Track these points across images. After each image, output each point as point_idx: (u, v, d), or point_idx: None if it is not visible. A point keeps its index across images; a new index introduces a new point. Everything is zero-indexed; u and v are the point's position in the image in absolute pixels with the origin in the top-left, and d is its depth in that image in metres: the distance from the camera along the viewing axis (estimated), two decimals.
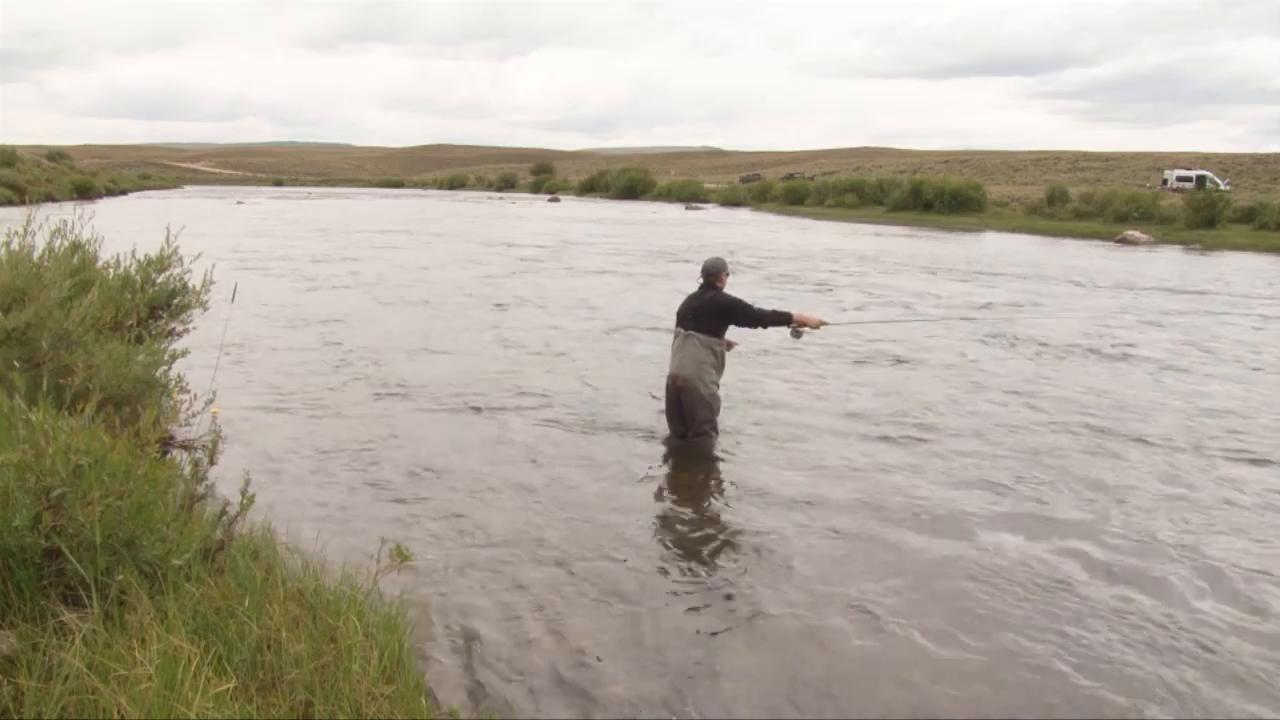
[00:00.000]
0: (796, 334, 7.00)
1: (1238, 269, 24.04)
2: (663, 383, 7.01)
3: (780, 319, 6.83)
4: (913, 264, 22.89)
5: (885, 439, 7.24)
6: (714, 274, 6.91)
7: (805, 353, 10.36)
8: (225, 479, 4.42)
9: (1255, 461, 6.94)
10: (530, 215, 49.31)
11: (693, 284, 7.22)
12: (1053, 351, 11.16)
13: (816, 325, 6.98)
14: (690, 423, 6.82)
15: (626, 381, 9.01)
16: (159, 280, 6.61)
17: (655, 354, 9.73)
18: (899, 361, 10.35)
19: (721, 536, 5.32)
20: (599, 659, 3.86)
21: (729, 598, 4.51)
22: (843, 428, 7.54)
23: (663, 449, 6.88)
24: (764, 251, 25.81)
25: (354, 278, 17.55)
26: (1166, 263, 25.51)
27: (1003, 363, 10.47)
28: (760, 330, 7.22)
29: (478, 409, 7.86)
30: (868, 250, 27.13)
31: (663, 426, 7.14)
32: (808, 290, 17.02)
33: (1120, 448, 7.15)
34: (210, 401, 5.09)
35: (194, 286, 6.75)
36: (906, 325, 12.72)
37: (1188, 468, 6.72)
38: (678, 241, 29.13)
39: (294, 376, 8.88)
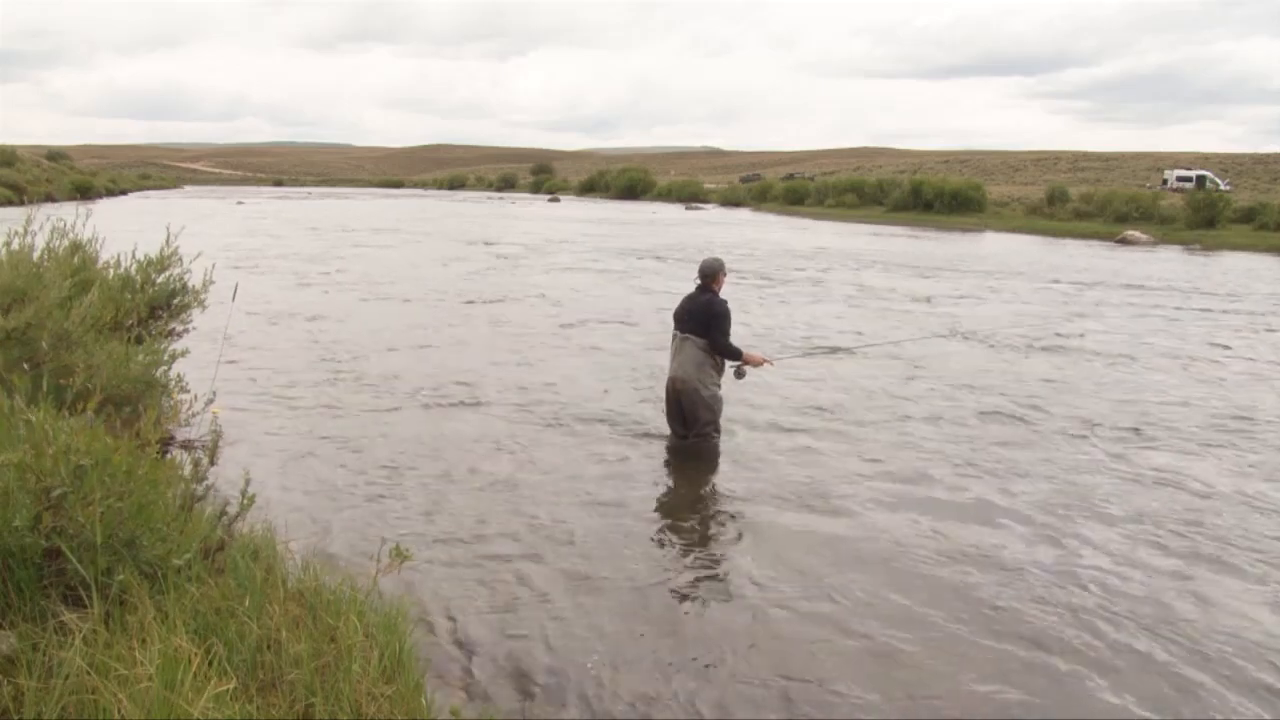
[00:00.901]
0: (740, 374, 6.98)
1: (1225, 269, 24.04)
2: (660, 381, 7.00)
3: (734, 354, 6.81)
4: (897, 263, 22.89)
5: (881, 433, 7.26)
6: (710, 275, 6.89)
7: (793, 348, 10.37)
8: (225, 479, 4.42)
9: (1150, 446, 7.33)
10: (529, 215, 49.29)
11: (685, 283, 7.21)
12: (1026, 349, 11.23)
13: (760, 363, 7.02)
14: (692, 424, 6.82)
15: (625, 380, 9.01)
16: (159, 280, 6.62)
17: (648, 352, 9.73)
18: (875, 358, 10.37)
19: (723, 537, 5.33)
20: (599, 658, 3.86)
21: (730, 598, 4.52)
22: (838, 424, 7.55)
23: (664, 449, 6.88)
24: (743, 250, 25.83)
25: (351, 277, 17.55)
26: (1159, 263, 25.50)
27: (963, 359, 10.49)
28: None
29: (476, 408, 7.86)
30: (856, 249, 27.12)
31: (663, 425, 7.15)
32: (776, 287, 17.08)
33: (1052, 432, 7.45)
34: (210, 401, 5.09)
35: (193, 286, 6.76)
36: (858, 327, 12.69)
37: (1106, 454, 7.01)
38: (674, 241, 29.12)
39: (290, 376, 8.88)
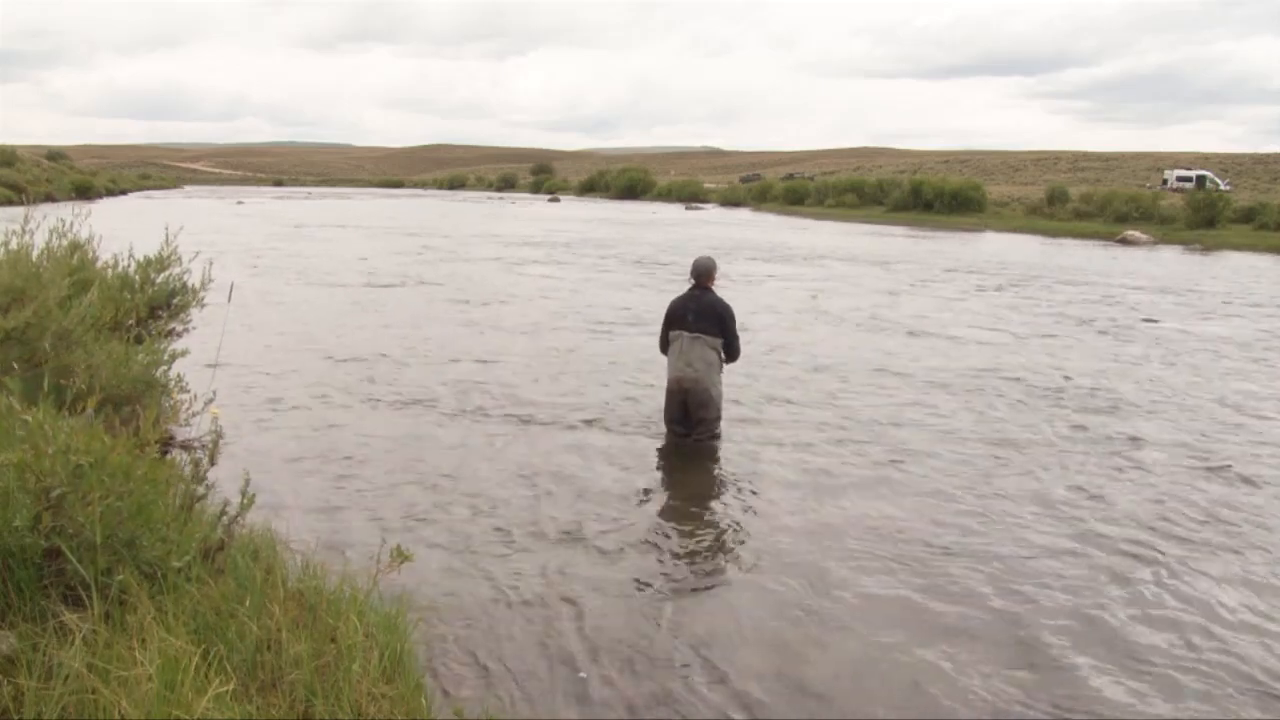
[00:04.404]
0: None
1: (1162, 261, 24.08)
2: (644, 381, 6.99)
3: (738, 355, 7.07)
4: (874, 262, 22.93)
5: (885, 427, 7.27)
6: (705, 274, 6.96)
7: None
8: (225, 479, 4.41)
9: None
10: (529, 215, 49.29)
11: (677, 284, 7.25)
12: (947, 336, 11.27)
13: None
14: (697, 424, 6.83)
15: (624, 381, 9.00)
16: (158, 280, 6.60)
17: (640, 351, 9.72)
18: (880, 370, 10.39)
19: (726, 535, 5.32)
20: (600, 658, 3.85)
21: (733, 597, 4.51)
22: (841, 420, 7.55)
23: (663, 449, 6.87)
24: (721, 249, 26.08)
25: (355, 276, 17.56)
26: (1140, 261, 25.53)
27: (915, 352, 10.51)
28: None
29: (472, 407, 7.85)
30: (841, 249, 27.18)
31: (658, 424, 7.14)
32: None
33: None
34: (210, 401, 5.08)
35: (193, 286, 6.74)
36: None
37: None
38: (673, 240, 29.14)
39: (288, 375, 8.88)
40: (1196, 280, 20.99)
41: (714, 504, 5.87)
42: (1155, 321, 14.18)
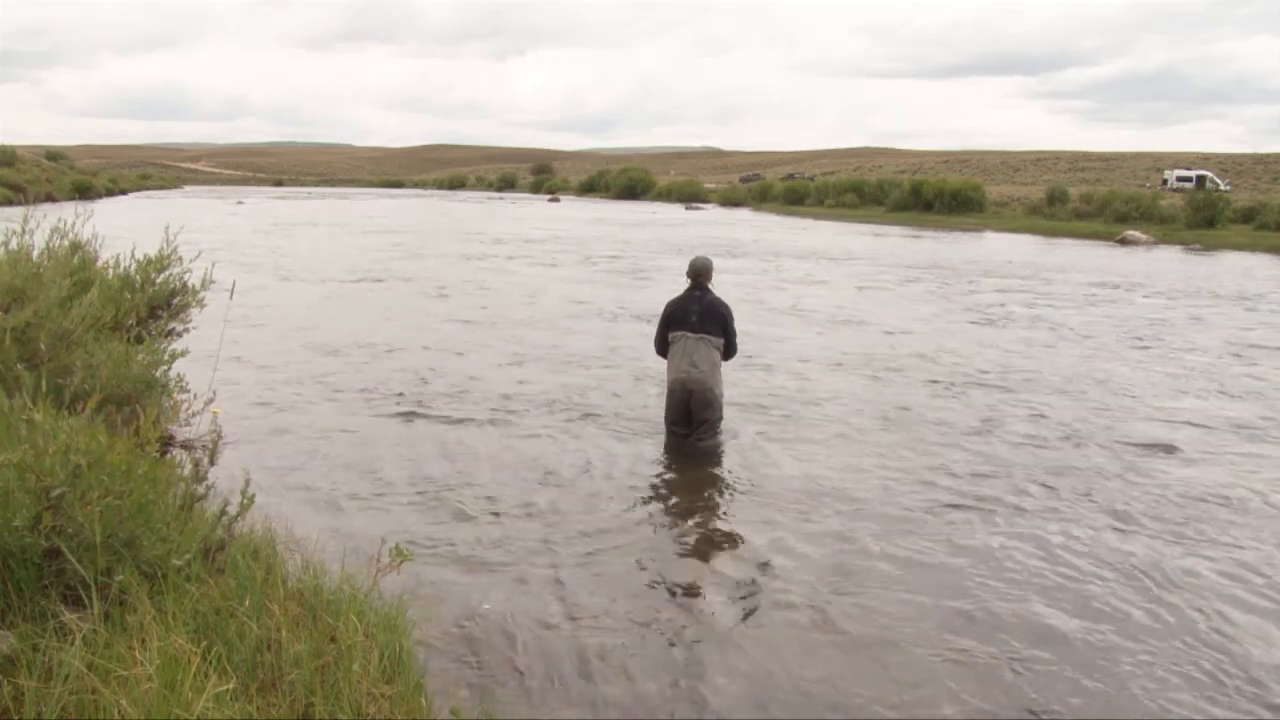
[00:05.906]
0: None
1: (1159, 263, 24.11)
2: (643, 377, 6.98)
3: (733, 356, 7.19)
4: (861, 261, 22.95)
5: (886, 429, 7.27)
6: (704, 273, 7.00)
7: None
8: (225, 479, 4.41)
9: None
10: (529, 215, 49.27)
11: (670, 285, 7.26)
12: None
13: None
14: (701, 424, 6.83)
15: (624, 378, 9.00)
16: (159, 280, 6.61)
17: (633, 347, 9.73)
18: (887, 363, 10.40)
19: (728, 535, 5.31)
20: (600, 658, 3.85)
21: (735, 596, 4.51)
22: (849, 420, 7.56)
23: (663, 448, 6.87)
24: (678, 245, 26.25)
25: (354, 274, 17.57)
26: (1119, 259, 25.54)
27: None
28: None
29: (471, 406, 7.84)
30: (828, 247, 27.19)
31: (658, 422, 7.13)
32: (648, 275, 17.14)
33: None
34: (210, 401, 5.09)
35: (193, 286, 6.75)
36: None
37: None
38: (670, 239, 29.17)
39: (284, 373, 8.88)
40: (1161, 277, 21.23)
41: (712, 501, 5.87)
42: (1054, 308, 15.23)
